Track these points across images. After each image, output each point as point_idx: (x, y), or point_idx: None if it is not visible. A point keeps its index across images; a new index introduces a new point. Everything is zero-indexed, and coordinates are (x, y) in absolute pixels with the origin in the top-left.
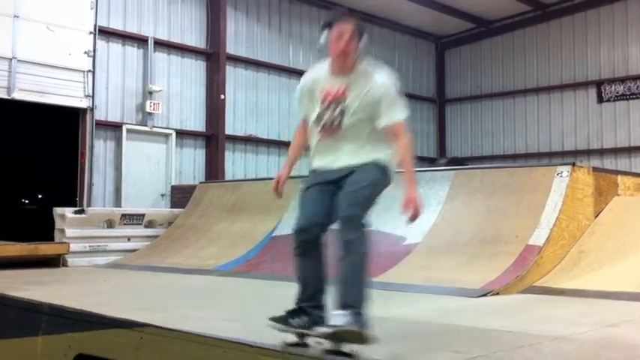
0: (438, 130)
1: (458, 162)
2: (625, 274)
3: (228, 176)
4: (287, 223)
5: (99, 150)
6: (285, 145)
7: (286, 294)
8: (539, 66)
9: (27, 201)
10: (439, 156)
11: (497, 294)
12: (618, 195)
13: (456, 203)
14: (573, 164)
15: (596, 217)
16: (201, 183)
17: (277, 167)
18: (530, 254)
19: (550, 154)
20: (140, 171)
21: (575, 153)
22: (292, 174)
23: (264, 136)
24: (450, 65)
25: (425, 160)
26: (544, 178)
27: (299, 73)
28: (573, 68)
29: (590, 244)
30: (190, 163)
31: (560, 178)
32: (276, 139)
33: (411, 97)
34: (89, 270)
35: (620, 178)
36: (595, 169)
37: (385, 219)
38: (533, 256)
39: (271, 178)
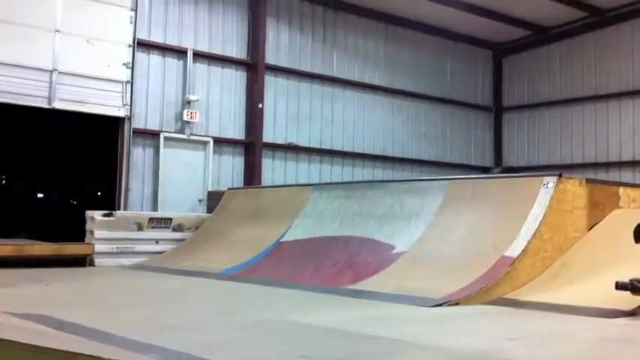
0: (494, 138)
1: (512, 171)
2: (598, 289)
3: (267, 183)
4: (296, 229)
5: (137, 156)
6: (328, 153)
7: (249, 300)
8: (597, 73)
9: (75, 202)
10: (495, 165)
11: (457, 304)
12: (620, 207)
13: (447, 213)
14: (560, 175)
15: (589, 229)
16: (229, 189)
17: (318, 175)
18: (502, 266)
19: (607, 165)
20: (178, 177)
21: (634, 163)
22: (304, 182)
23: (306, 144)
24: (507, 73)
25: (479, 169)
26: (530, 189)
27: (343, 82)
28: (632, 75)
29: (575, 258)
30: (229, 170)
31: (546, 188)
32: (318, 147)
33: (464, 105)
34: (108, 270)
35: (622, 189)
36: (590, 181)
37: (381, 227)
38: (504, 268)
39: (290, 185)
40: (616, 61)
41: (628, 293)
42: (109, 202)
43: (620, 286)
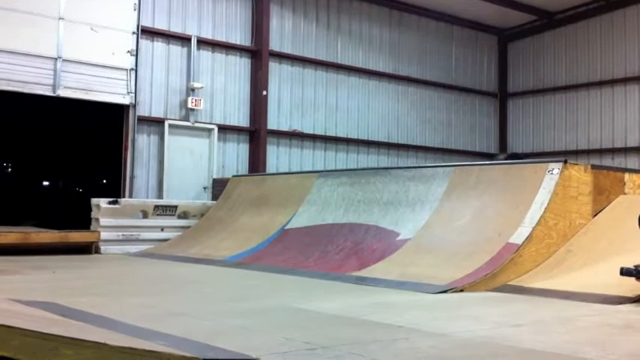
0: (499, 125)
1: (517, 158)
2: (602, 276)
3: (271, 170)
4: (301, 216)
5: (142, 144)
6: (333, 139)
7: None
8: (603, 58)
9: (81, 190)
10: (500, 152)
11: (462, 291)
12: (625, 193)
13: (452, 200)
14: (565, 161)
15: (594, 216)
16: (234, 177)
17: (323, 162)
18: (507, 252)
19: (613, 151)
20: (183, 164)
21: (639, 150)
22: (309, 169)
23: (310, 131)
24: (512, 59)
25: (484, 156)
26: (535, 176)
27: (347, 69)
28: (638, 60)
29: (580, 244)
30: (234, 157)
31: (551, 175)
32: (322, 134)
33: (469, 91)
34: (114, 258)
35: (627, 175)
36: (594, 167)
37: (386, 214)
38: (509, 255)
39: (295, 173)
40: (621, 45)
41: (632, 279)
42: (115, 190)
43: (624, 272)
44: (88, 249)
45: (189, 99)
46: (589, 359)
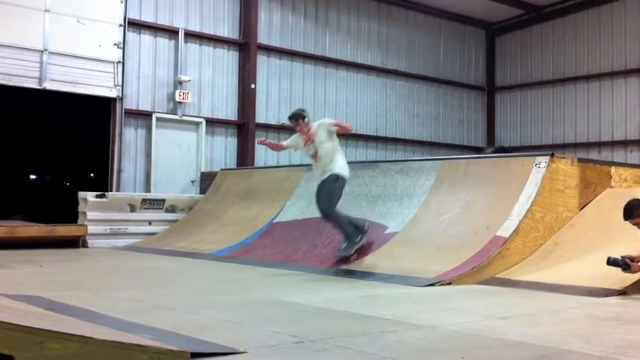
0: (487, 118)
1: (505, 151)
2: (586, 268)
3: (260, 164)
4: (289, 210)
5: (130, 137)
6: None
7: (236, 278)
8: (590, 52)
9: (68, 184)
10: (487, 145)
11: (449, 284)
12: (611, 187)
13: (439, 194)
14: (552, 154)
15: (581, 209)
16: (222, 170)
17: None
18: (494, 245)
19: (600, 144)
20: (171, 158)
21: (626, 143)
22: (297, 162)
23: None
24: (500, 52)
25: (472, 150)
26: (523, 169)
27: (335, 62)
28: (624, 54)
29: (567, 237)
30: (222, 151)
31: (538, 168)
32: None
33: (457, 85)
34: (101, 251)
35: (614, 169)
36: (581, 160)
37: (374, 207)
38: (496, 247)
39: (283, 166)
40: (609, 39)
41: (618, 271)
42: (102, 184)
43: (611, 262)
44: (75, 243)
45: (177, 92)
46: (575, 351)
